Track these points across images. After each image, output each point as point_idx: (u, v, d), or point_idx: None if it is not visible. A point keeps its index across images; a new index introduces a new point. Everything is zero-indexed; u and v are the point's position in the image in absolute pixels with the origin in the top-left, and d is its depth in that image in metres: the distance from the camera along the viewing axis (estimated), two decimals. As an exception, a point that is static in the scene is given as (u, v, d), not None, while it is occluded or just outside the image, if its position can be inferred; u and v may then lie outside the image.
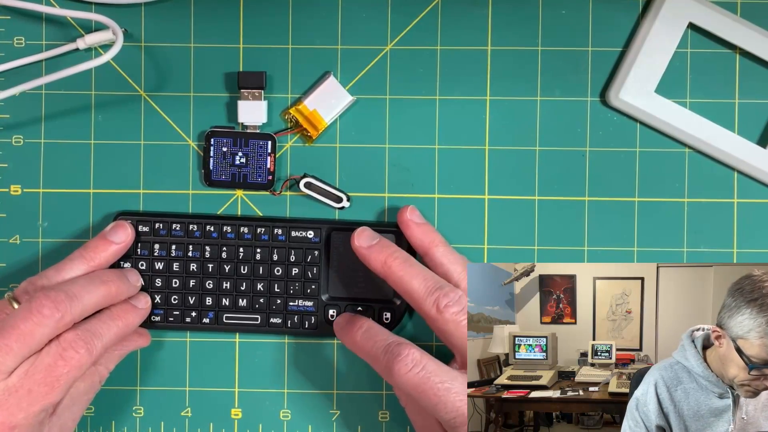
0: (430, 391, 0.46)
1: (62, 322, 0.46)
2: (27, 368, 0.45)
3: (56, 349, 0.45)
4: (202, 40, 0.54)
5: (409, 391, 0.47)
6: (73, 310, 0.46)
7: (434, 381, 0.46)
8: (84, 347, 0.46)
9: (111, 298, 0.49)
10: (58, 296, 0.46)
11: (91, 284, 0.48)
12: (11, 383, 0.45)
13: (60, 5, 0.54)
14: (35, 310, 0.45)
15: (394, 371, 0.47)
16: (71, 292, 0.46)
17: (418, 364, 0.47)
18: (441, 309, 0.47)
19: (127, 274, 0.51)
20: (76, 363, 0.45)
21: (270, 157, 0.54)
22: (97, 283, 0.48)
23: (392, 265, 0.49)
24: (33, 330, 0.45)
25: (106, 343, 0.48)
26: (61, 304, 0.45)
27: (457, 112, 0.54)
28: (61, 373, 0.45)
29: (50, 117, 0.54)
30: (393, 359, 0.47)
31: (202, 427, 0.55)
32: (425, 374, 0.46)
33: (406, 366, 0.46)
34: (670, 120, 0.53)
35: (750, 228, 0.54)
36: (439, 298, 0.48)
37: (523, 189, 0.54)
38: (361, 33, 0.54)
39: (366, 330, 0.50)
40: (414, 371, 0.46)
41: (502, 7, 0.54)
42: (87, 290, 0.47)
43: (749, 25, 0.53)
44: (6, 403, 0.44)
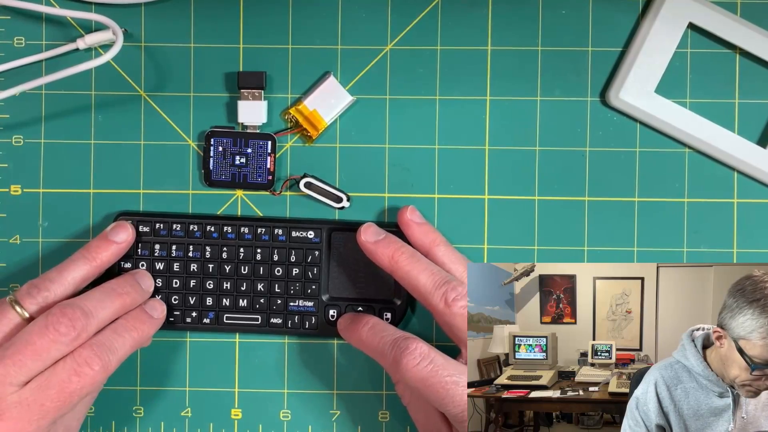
0: (438, 384, 0.46)
1: (78, 340, 0.46)
2: (41, 382, 0.45)
3: (71, 364, 0.45)
4: (202, 40, 0.54)
5: (416, 385, 0.47)
6: (89, 327, 0.46)
7: (442, 375, 0.46)
8: (99, 363, 0.46)
9: (125, 309, 0.49)
10: (75, 313, 0.46)
11: (107, 298, 0.48)
12: (24, 396, 0.44)
13: (60, 5, 0.54)
14: (52, 327, 0.45)
15: (401, 365, 0.47)
16: (87, 308, 0.46)
17: (426, 358, 0.47)
18: (449, 303, 0.48)
19: (139, 280, 0.51)
20: (90, 380, 0.45)
21: (270, 157, 0.54)
22: (113, 297, 0.48)
23: (399, 260, 0.50)
24: (49, 347, 0.45)
25: (121, 357, 0.47)
26: (78, 321, 0.45)
27: (457, 112, 0.54)
28: (75, 389, 0.45)
29: (50, 117, 0.54)
30: (400, 353, 0.47)
31: (202, 427, 0.55)
32: (433, 368, 0.46)
33: (414, 360, 0.46)
34: (670, 120, 0.54)
35: (750, 228, 0.54)
36: (447, 292, 0.48)
37: (523, 189, 0.54)
38: (361, 33, 0.54)
39: (372, 326, 0.50)
40: (422, 365, 0.46)
41: (502, 7, 0.54)
42: (103, 305, 0.48)
43: (749, 25, 0.53)
44: (18, 415, 0.44)
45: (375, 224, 0.52)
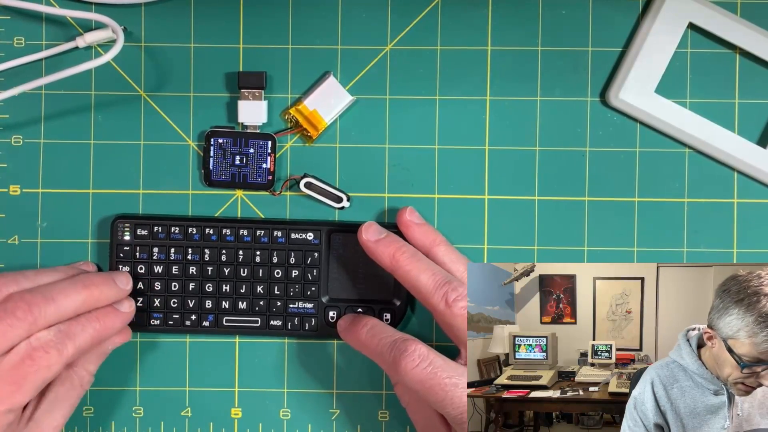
0: (437, 386, 0.46)
1: (35, 326, 0.45)
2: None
3: (25, 348, 0.44)
4: (202, 40, 0.54)
5: (415, 387, 0.47)
6: (48, 313, 0.45)
7: (441, 376, 0.46)
8: (54, 348, 0.45)
9: (93, 303, 0.48)
10: (34, 299, 0.45)
11: (71, 288, 0.47)
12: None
13: (60, 5, 0.54)
14: (9, 311, 0.44)
15: (400, 367, 0.47)
16: (49, 294, 0.46)
17: (425, 360, 0.47)
18: (450, 303, 0.48)
19: (115, 278, 0.50)
20: (44, 363, 0.44)
21: (270, 157, 0.54)
22: (78, 288, 0.47)
23: (400, 259, 0.49)
24: (5, 331, 0.44)
25: (80, 345, 0.46)
26: (35, 307, 0.45)
27: (457, 112, 0.54)
28: (28, 372, 0.44)
29: (50, 117, 0.54)
30: (399, 355, 0.47)
31: (202, 427, 0.55)
32: (432, 369, 0.46)
33: (413, 362, 0.46)
34: (670, 120, 0.53)
35: (750, 228, 0.54)
36: (448, 293, 0.48)
37: (523, 189, 0.54)
38: (361, 33, 0.54)
39: (371, 328, 0.50)
40: (421, 366, 0.46)
41: (502, 7, 0.54)
42: (66, 294, 0.46)
43: (749, 25, 0.53)
44: None
45: (376, 223, 0.52)
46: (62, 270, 0.50)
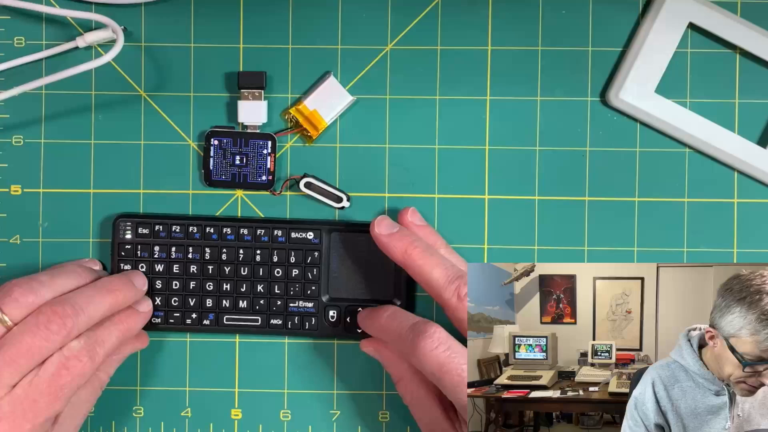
0: (454, 371, 0.46)
1: (69, 338, 0.46)
2: (31, 379, 0.45)
3: (59, 359, 0.45)
4: (202, 40, 0.54)
5: (432, 369, 0.47)
6: (80, 323, 0.46)
7: (459, 362, 0.46)
8: (86, 355, 0.46)
9: (117, 307, 0.49)
10: (65, 311, 0.45)
11: (98, 295, 0.48)
12: (16, 395, 0.44)
13: (60, 5, 0.54)
14: (43, 325, 0.45)
15: (419, 348, 0.47)
16: (78, 305, 0.46)
17: (444, 343, 0.47)
18: (462, 297, 0.48)
19: (132, 279, 0.51)
20: (79, 372, 0.45)
21: (270, 157, 0.54)
22: (104, 294, 0.48)
23: (413, 253, 0.49)
24: (41, 345, 0.45)
25: (108, 349, 0.48)
26: (68, 319, 0.45)
27: (457, 112, 0.54)
28: (65, 382, 0.45)
29: (50, 117, 0.55)
30: (419, 336, 0.47)
31: (202, 427, 0.55)
32: (451, 353, 0.46)
33: (432, 343, 0.46)
34: (670, 120, 0.53)
35: (750, 228, 0.54)
36: (460, 287, 0.48)
37: (523, 189, 0.54)
38: (361, 33, 0.54)
39: (392, 312, 0.51)
40: (440, 349, 0.46)
41: (502, 7, 0.54)
42: (94, 302, 0.47)
43: (749, 25, 0.53)
44: (13, 414, 0.44)
45: (389, 217, 0.52)
46: (73, 270, 0.50)
